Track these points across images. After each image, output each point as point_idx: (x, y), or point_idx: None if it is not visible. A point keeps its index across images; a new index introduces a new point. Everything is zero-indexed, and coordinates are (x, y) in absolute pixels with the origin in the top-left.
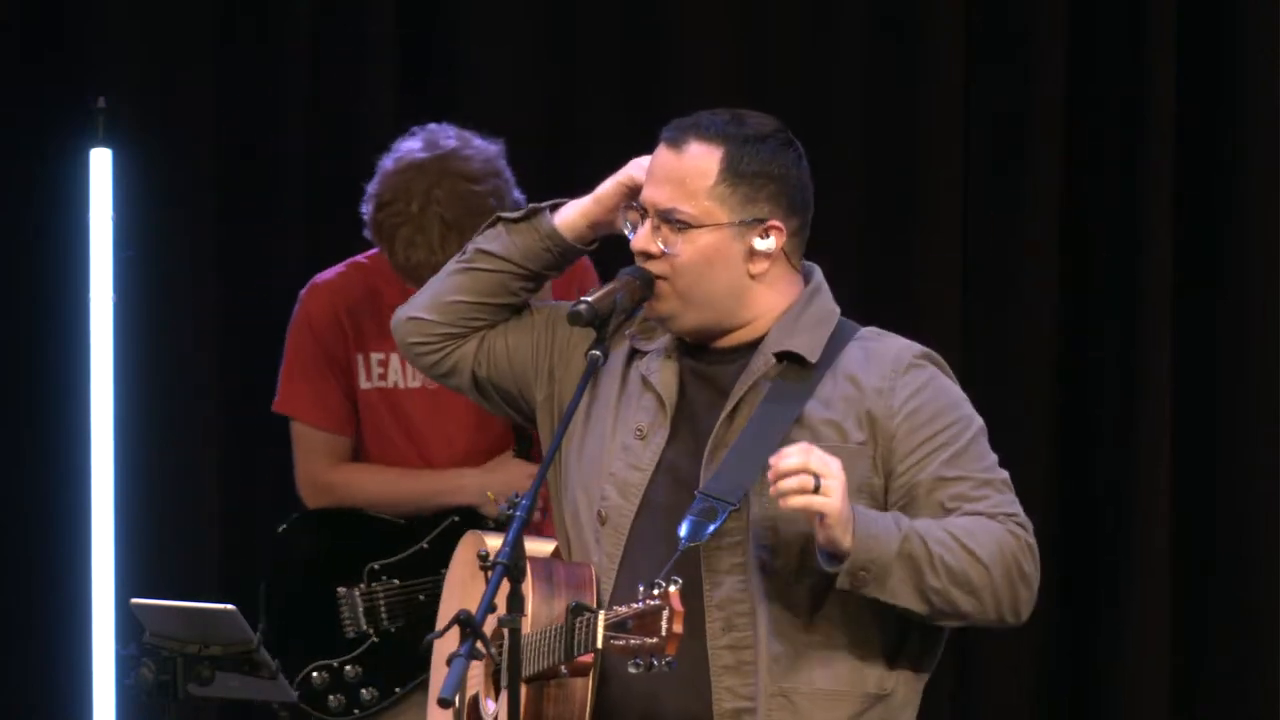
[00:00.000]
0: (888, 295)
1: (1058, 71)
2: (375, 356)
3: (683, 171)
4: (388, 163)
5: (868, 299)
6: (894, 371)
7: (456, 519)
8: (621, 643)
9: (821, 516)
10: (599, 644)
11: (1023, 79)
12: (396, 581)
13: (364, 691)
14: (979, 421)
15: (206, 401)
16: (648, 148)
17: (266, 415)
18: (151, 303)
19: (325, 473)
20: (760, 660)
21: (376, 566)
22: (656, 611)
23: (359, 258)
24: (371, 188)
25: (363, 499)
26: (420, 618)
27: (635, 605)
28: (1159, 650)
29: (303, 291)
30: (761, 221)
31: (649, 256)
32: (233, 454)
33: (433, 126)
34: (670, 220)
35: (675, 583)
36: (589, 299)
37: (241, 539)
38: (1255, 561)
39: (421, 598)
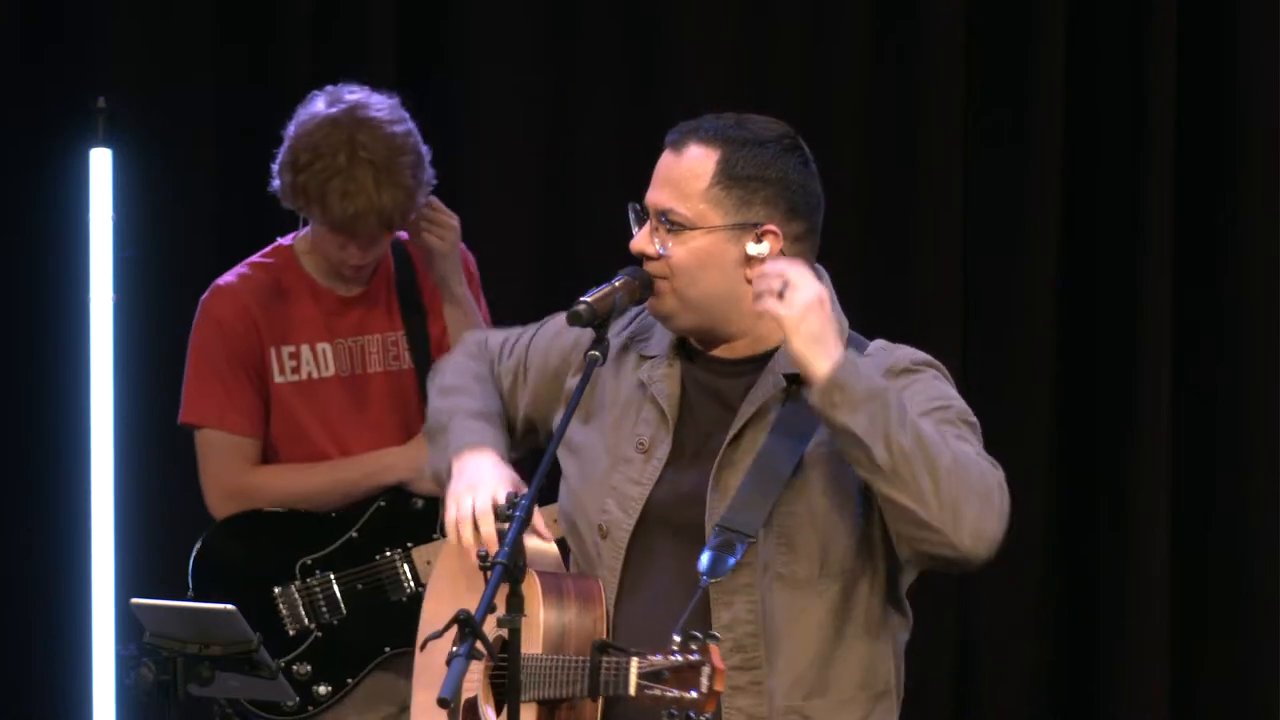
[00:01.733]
0: (887, 298)
1: (1058, 71)
2: (286, 350)
3: (679, 173)
4: (295, 128)
5: (867, 302)
6: (889, 373)
7: (383, 504)
8: (656, 693)
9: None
10: (631, 691)
11: (1023, 79)
12: (332, 574)
13: (316, 688)
14: (974, 418)
15: None
16: (647, 147)
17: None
18: (151, 303)
19: (239, 478)
20: (771, 679)
21: (309, 561)
22: (696, 667)
23: (256, 257)
24: (283, 156)
25: (282, 497)
26: (360, 606)
27: (673, 657)
28: (1159, 650)
29: (204, 296)
30: (756, 225)
31: (647, 257)
32: None
33: (329, 88)
34: (666, 221)
35: (714, 638)
36: (589, 299)
37: None
38: (1255, 561)
39: (360, 586)
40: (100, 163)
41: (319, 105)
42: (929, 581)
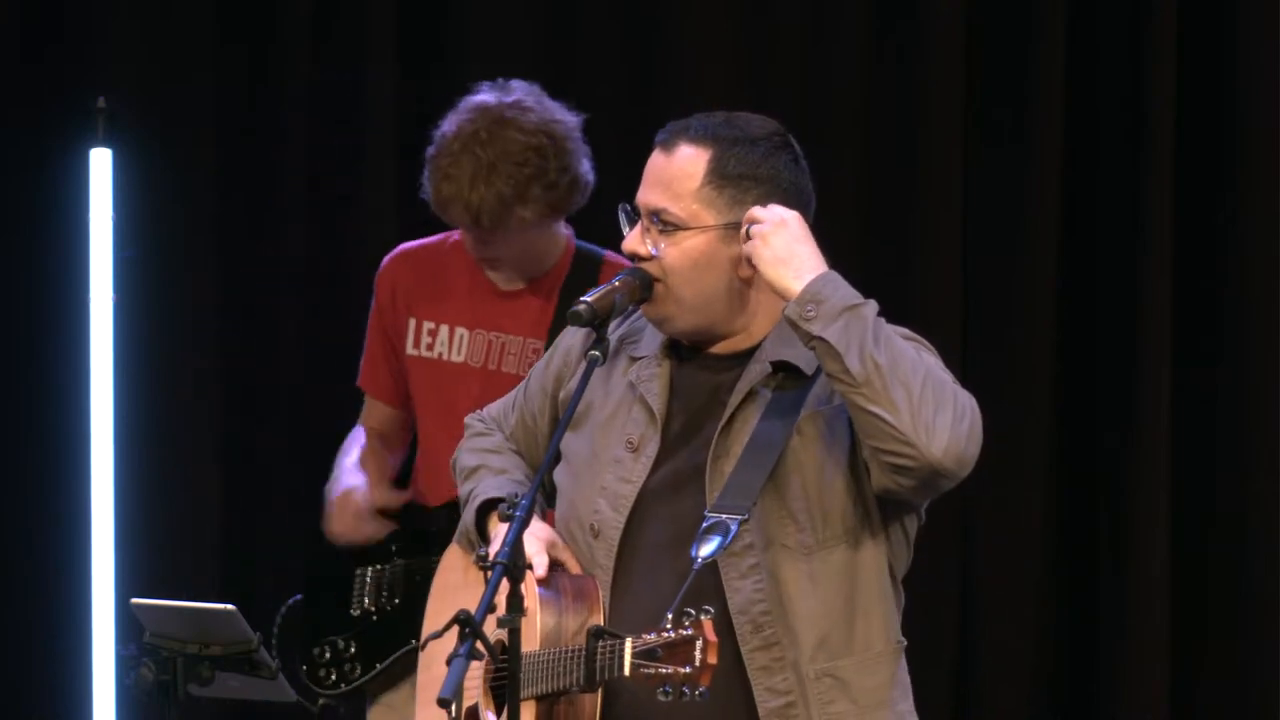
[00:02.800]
0: (887, 297)
1: (1058, 71)
2: (426, 325)
3: (670, 173)
4: (458, 104)
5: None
6: None
7: None
8: (650, 671)
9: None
10: (626, 671)
11: (1023, 79)
12: (402, 561)
13: (349, 666)
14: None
15: (206, 401)
16: (647, 148)
17: (266, 414)
18: (151, 303)
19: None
20: (793, 651)
21: (394, 547)
22: (690, 641)
23: (452, 233)
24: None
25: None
26: (411, 596)
27: (666, 634)
28: (1159, 650)
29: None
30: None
31: (639, 258)
32: (233, 454)
33: (514, 82)
34: (658, 222)
35: (707, 613)
36: (589, 299)
37: (242, 539)
38: (1255, 561)
39: (417, 578)
40: (100, 163)
41: (484, 92)
42: (929, 582)
